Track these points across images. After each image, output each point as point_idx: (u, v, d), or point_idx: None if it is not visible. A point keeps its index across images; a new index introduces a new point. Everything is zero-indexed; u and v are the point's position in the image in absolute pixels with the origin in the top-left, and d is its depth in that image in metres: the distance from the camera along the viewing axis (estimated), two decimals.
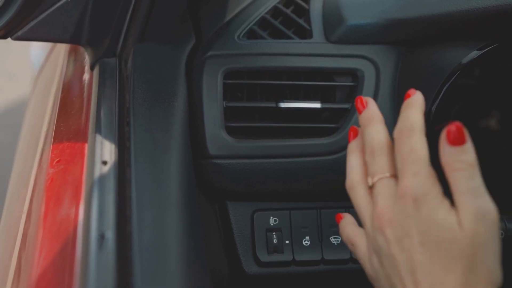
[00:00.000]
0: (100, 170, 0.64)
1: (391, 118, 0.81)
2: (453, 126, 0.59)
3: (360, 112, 0.69)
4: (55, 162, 0.71)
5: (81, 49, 0.83)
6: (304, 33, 0.86)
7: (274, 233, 0.82)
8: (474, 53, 0.75)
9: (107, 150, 0.67)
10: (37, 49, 1.55)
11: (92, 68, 0.81)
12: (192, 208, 0.69)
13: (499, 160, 0.81)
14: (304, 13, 0.88)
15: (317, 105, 0.81)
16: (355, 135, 0.70)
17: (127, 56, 0.79)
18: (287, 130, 0.81)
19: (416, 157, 0.60)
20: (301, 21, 0.87)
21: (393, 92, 0.83)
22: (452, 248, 0.56)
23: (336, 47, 0.84)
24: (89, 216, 0.59)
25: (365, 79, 0.82)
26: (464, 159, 0.59)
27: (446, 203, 0.58)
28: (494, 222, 0.57)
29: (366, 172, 0.66)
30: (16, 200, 0.83)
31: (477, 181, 0.59)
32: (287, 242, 0.82)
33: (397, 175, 0.61)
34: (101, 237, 0.58)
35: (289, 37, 0.85)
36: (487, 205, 0.58)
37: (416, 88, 0.79)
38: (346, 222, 0.71)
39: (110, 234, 0.58)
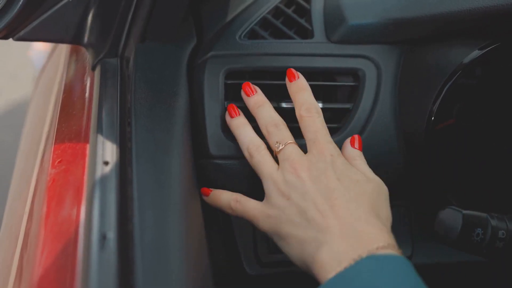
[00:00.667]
0: (102, 170, 0.64)
1: (392, 117, 0.82)
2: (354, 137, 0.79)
3: (248, 96, 0.79)
4: (56, 162, 0.71)
5: (83, 49, 0.82)
6: (306, 33, 0.86)
7: None
8: (476, 53, 0.75)
9: (108, 151, 0.67)
10: (38, 50, 1.55)
11: (93, 68, 0.81)
12: (194, 208, 0.69)
13: (500, 160, 0.81)
14: (305, 13, 0.88)
15: (319, 105, 0.81)
16: (238, 113, 0.79)
17: (129, 56, 0.79)
18: (289, 130, 0.81)
19: (327, 132, 0.76)
20: (302, 21, 0.87)
21: (394, 91, 0.83)
22: (363, 185, 0.70)
23: (337, 47, 0.84)
24: (91, 216, 0.59)
25: (367, 79, 0.82)
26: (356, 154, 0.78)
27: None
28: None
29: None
30: (18, 200, 0.83)
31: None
32: None
33: (307, 144, 0.75)
34: (103, 237, 0.58)
35: (290, 37, 0.85)
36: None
37: (418, 88, 0.80)
38: (222, 191, 0.78)
39: (111, 234, 0.58)
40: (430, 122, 0.77)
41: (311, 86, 0.81)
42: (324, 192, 0.69)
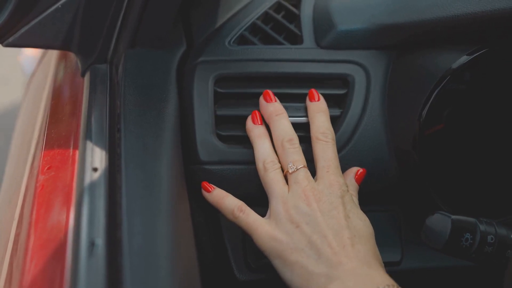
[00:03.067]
0: (91, 176, 0.64)
1: (381, 122, 0.82)
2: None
3: (268, 102, 0.80)
4: (46, 168, 0.71)
5: (72, 55, 0.82)
6: (295, 39, 0.86)
7: None
8: (464, 58, 0.76)
9: (97, 157, 0.67)
10: (28, 55, 1.55)
11: (83, 74, 0.81)
12: (183, 214, 0.69)
13: (489, 165, 0.82)
14: (294, 18, 0.88)
15: (306, 119, 0.81)
16: (260, 121, 0.80)
17: (118, 62, 0.79)
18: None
19: (338, 163, 0.77)
20: (291, 27, 0.87)
21: (384, 97, 0.83)
22: (366, 228, 0.72)
23: (326, 52, 0.84)
24: (79, 223, 0.59)
25: (356, 84, 0.83)
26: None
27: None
28: None
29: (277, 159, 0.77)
30: (8, 206, 0.83)
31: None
32: None
33: (317, 170, 0.76)
34: (91, 243, 0.57)
35: (280, 43, 0.85)
36: None
37: (407, 93, 0.80)
38: (226, 193, 0.78)
39: (100, 241, 0.58)
40: (420, 127, 0.77)
41: (300, 93, 0.81)
42: (335, 229, 0.70)
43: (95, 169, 0.65)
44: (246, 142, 0.80)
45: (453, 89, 0.77)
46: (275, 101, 0.80)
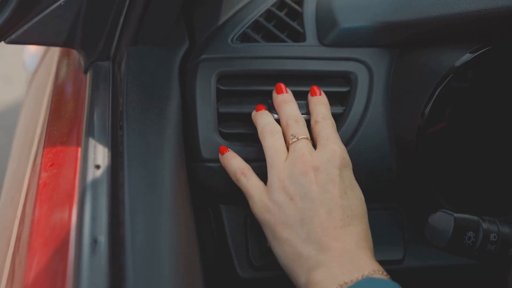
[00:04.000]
0: (93, 174, 0.64)
1: (384, 120, 0.82)
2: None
3: (278, 93, 0.80)
4: (48, 166, 0.71)
5: (75, 52, 0.82)
6: (298, 36, 0.86)
7: None
8: (467, 56, 0.75)
9: (100, 154, 0.67)
10: (31, 52, 1.55)
11: (85, 71, 0.81)
12: (185, 212, 0.69)
13: (492, 163, 0.82)
14: (297, 16, 0.88)
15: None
16: (263, 108, 0.80)
17: (121, 60, 0.79)
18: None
19: (338, 139, 0.75)
20: (294, 24, 0.87)
21: (387, 95, 0.83)
22: (361, 206, 0.71)
23: (329, 50, 0.84)
24: (82, 220, 0.59)
25: (359, 82, 0.82)
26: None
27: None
28: None
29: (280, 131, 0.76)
30: (10, 204, 0.83)
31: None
32: None
33: (318, 142, 0.75)
34: (94, 241, 0.57)
35: (282, 40, 0.85)
36: None
37: (409, 91, 0.80)
38: (235, 155, 0.78)
39: (103, 238, 0.58)
40: (422, 126, 0.77)
41: (302, 91, 0.81)
42: (328, 206, 0.69)
43: (97, 167, 0.65)
44: (248, 140, 0.80)
45: (456, 87, 0.77)
46: (287, 92, 0.80)
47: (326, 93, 0.81)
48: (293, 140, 0.74)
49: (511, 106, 0.80)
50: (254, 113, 0.79)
